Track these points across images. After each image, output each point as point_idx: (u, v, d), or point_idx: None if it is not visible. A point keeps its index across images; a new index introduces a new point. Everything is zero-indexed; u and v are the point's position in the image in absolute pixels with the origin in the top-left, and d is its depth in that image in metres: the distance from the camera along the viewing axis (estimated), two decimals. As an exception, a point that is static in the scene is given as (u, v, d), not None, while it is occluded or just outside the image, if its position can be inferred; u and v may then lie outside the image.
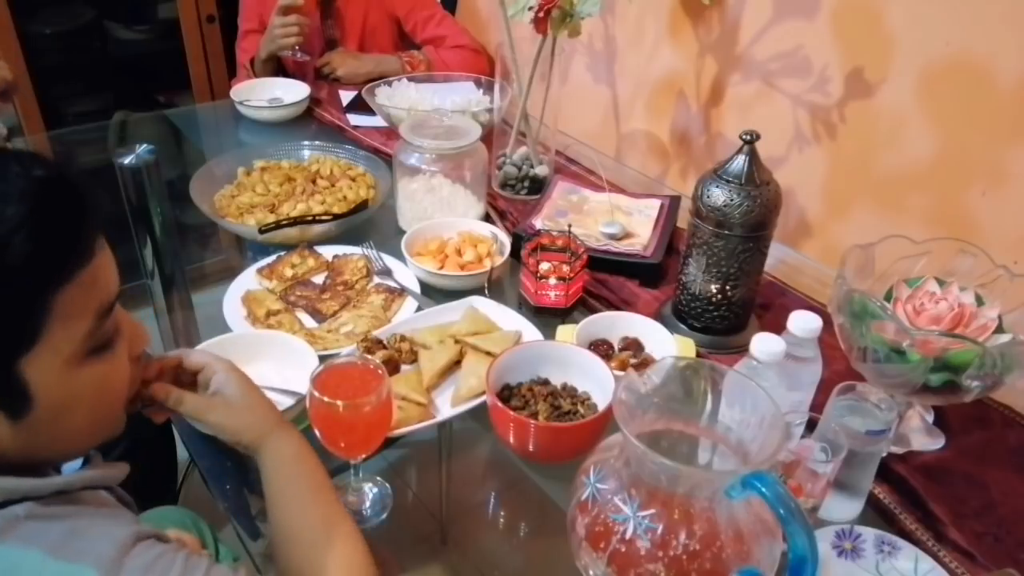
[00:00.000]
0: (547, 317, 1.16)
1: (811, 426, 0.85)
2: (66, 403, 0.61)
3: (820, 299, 1.24)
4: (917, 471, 0.93)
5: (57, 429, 0.62)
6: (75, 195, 0.59)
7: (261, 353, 1.05)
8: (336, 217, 1.33)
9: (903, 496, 0.91)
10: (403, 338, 1.07)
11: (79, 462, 0.70)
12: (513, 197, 1.54)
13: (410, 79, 1.86)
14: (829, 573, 0.82)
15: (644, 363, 1.04)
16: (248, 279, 1.24)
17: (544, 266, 1.15)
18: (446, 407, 1.00)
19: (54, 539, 0.58)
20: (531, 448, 0.91)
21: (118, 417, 0.69)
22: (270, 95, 1.86)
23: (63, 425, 0.62)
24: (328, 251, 1.31)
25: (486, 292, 1.20)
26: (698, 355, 1.10)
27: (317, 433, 0.83)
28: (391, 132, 1.73)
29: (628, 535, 0.68)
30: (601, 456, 0.75)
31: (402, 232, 1.32)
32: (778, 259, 1.33)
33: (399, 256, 1.27)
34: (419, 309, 1.17)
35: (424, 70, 1.98)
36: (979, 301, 0.93)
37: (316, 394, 0.80)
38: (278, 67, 2.13)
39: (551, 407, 0.94)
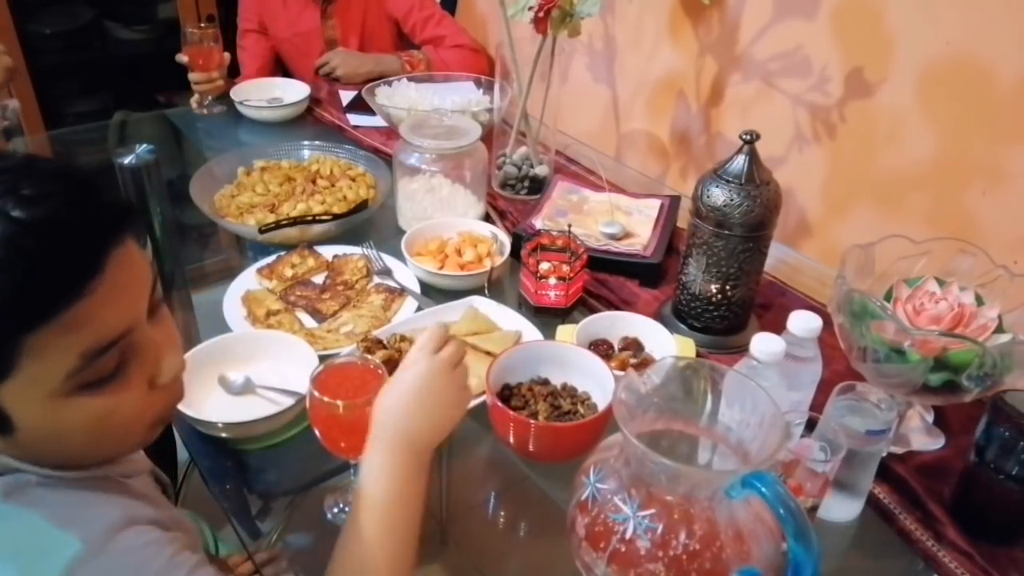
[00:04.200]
0: (547, 317, 1.16)
1: (811, 426, 0.85)
2: (55, 431, 0.58)
3: (820, 299, 1.25)
4: (917, 471, 0.93)
5: (49, 450, 0.60)
6: (65, 236, 0.54)
7: (261, 353, 1.05)
8: (336, 217, 1.33)
9: (903, 496, 0.91)
10: (403, 338, 1.07)
11: None
12: (513, 197, 1.54)
13: (410, 79, 1.86)
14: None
15: (644, 363, 1.04)
16: (248, 279, 1.24)
17: (544, 266, 1.15)
18: (446, 407, 1.00)
19: (55, 506, 0.58)
20: (531, 448, 0.91)
21: (132, 441, 0.65)
22: (270, 95, 1.86)
23: (56, 448, 0.60)
24: (328, 251, 1.31)
25: (486, 292, 1.20)
26: (698, 355, 1.10)
27: (317, 433, 0.83)
28: (391, 132, 1.73)
29: (628, 535, 0.68)
30: (601, 456, 0.75)
31: (402, 232, 1.32)
32: (778, 259, 1.33)
33: (399, 256, 1.27)
34: (419, 309, 1.17)
35: (424, 70, 1.98)
36: (979, 301, 0.93)
37: (316, 394, 0.80)
38: (275, 69, 2.14)
39: (551, 407, 0.94)
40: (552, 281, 1.14)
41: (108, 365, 0.58)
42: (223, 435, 0.96)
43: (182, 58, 1.79)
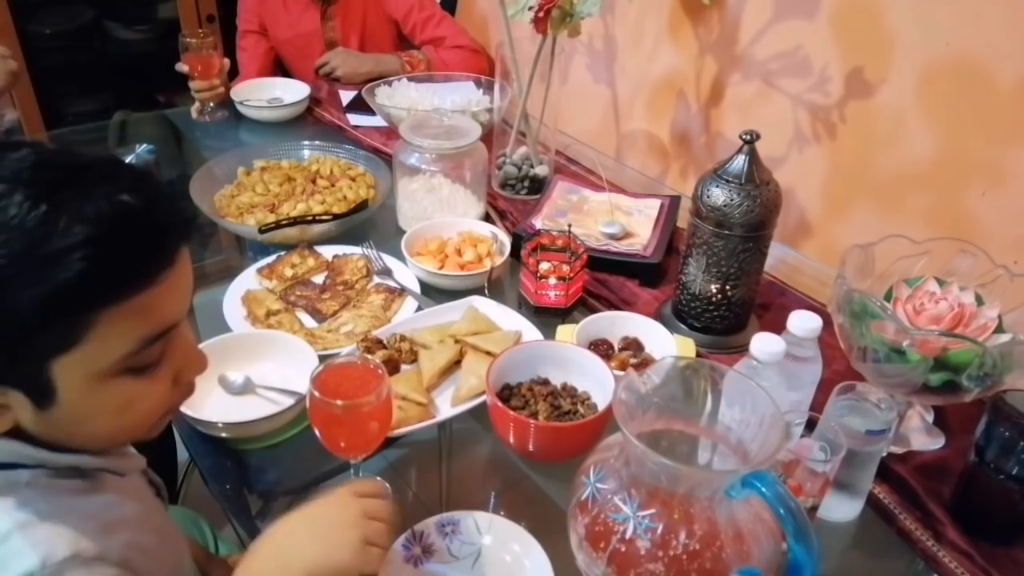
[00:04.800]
0: (547, 317, 1.16)
1: (811, 426, 0.85)
2: (88, 410, 0.62)
3: (820, 299, 1.25)
4: (917, 471, 0.94)
5: (75, 429, 0.63)
6: (154, 225, 0.60)
7: (261, 353, 1.05)
8: (336, 217, 1.33)
9: (903, 496, 0.91)
10: (403, 338, 1.07)
11: None
12: (513, 197, 1.54)
13: (410, 79, 1.86)
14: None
15: (644, 363, 1.04)
16: (248, 279, 1.24)
17: (544, 266, 1.15)
18: (446, 407, 1.00)
19: (33, 515, 0.59)
20: (531, 448, 0.91)
21: (143, 430, 0.68)
22: (270, 95, 1.86)
23: (81, 428, 0.63)
24: (328, 251, 1.31)
25: (486, 292, 1.20)
26: (698, 355, 1.10)
27: (317, 433, 0.83)
28: (391, 132, 1.73)
29: (628, 535, 0.68)
30: (601, 456, 0.75)
31: (402, 232, 1.32)
32: (778, 259, 1.33)
33: (399, 256, 1.27)
34: (419, 309, 1.17)
35: (424, 70, 1.98)
36: (979, 301, 0.93)
37: (316, 394, 0.80)
38: (275, 70, 2.14)
39: (551, 407, 0.94)
40: (552, 281, 1.14)
41: (154, 354, 0.63)
42: (223, 435, 0.96)
43: (182, 67, 1.79)
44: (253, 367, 1.03)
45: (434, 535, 0.82)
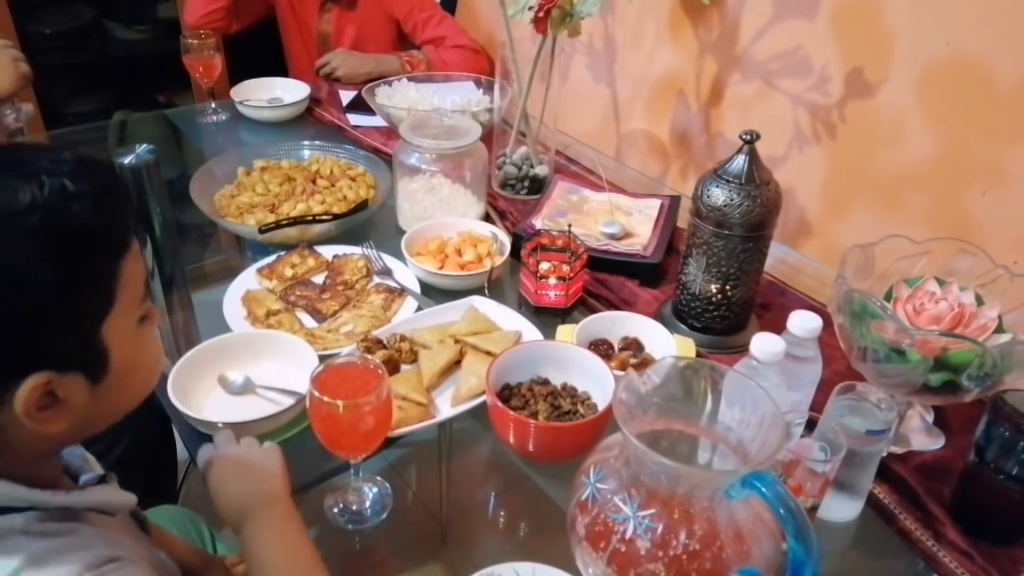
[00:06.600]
0: (547, 317, 1.16)
1: (811, 426, 0.85)
2: (133, 364, 0.65)
3: (820, 299, 1.25)
4: (917, 471, 0.94)
5: (121, 392, 0.66)
6: (124, 185, 0.67)
7: (261, 353, 1.05)
8: (336, 217, 1.33)
9: (903, 496, 0.91)
10: (403, 338, 1.07)
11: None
12: (513, 197, 1.54)
13: (410, 79, 1.86)
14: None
15: (644, 363, 1.04)
16: (248, 279, 1.24)
17: (544, 266, 1.15)
18: (446, 407, 1.00)
19: (36, 554, 0.59)
20: (531, 448, 0.91)
21: (156, 381, 0.72)
22: (270, 95, 1.86)
23: (126, 388, 0.66)
24: (328, 251, 1.31)
25: (486, 292, 1.20)
26: (698, 355, 1.10)
27: (317, 433, 0.83)
28: (391, 132, 1.73)
29: (628, 535, 0.68)
30: (601, 456, 0.75)
31: (402, 232, 1.32)
32: (778, 259, 1.33)
33: (399, 256, 1.27)
34: (419, 309, 1.17)
35: (424, 70, 1.98)
36: (979, 301, 0.93)
37: (316, 394, 0.80)
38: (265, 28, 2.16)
39: (551, 407, 0.94)
40: (552, 281, 1.15)
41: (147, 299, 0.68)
42: (223, 435, 0.96)
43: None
44: (253, 367, 1.03)
45: None
